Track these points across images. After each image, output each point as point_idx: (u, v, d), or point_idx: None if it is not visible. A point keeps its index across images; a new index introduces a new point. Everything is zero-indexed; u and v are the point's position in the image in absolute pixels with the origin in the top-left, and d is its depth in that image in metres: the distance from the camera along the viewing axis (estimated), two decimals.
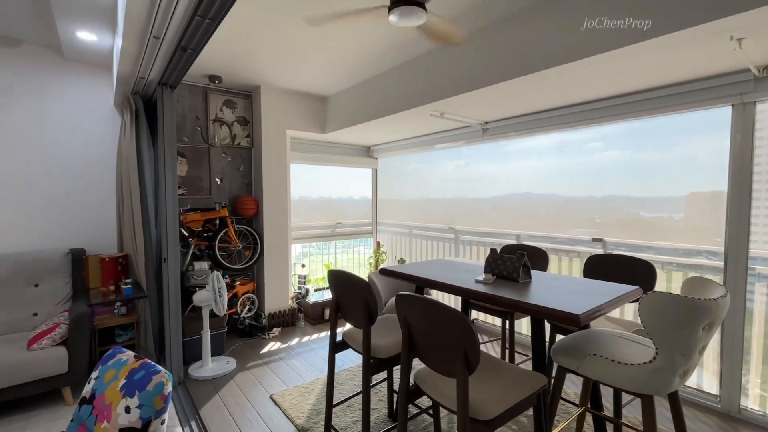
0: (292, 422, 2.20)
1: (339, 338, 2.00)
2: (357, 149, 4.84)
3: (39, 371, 2.21)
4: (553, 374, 1.70)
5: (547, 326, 2.18)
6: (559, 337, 2.04)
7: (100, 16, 2.25)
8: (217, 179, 3.63)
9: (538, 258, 2.46)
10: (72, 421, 1.77)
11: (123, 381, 1.69)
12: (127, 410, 1.57)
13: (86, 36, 2.53)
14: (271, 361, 3.00)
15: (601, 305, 1.45)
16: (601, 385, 1.79)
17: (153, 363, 1.74)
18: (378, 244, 4.86)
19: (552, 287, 1.73)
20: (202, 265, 3.27)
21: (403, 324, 1.45)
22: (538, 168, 3.27)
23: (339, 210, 4.74)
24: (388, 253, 4.83)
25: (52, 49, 2.91)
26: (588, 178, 2.95)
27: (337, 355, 3.08)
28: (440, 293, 3.85)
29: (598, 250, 2.83)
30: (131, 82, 2.59)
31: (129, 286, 2.74)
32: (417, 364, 2.77)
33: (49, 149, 2.94)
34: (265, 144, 3.66)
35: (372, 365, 1.76)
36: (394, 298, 2.27)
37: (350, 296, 1.79)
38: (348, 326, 2.82)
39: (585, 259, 2.25)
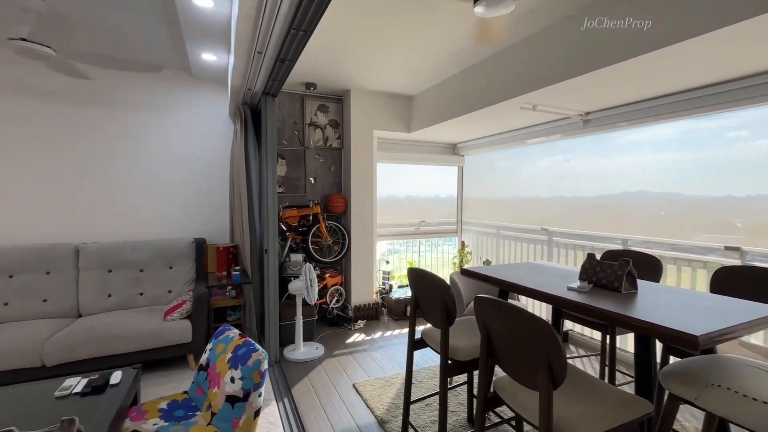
0: (372, 413, 2.28)
1: (418, 336, 2.00)
2: (443, 147, 4.79)
3: (171, 338, 2.66)
4: (664, 403, 1.46)
5: (659, 345, 1.89)
6: (673, 359, 1.74)
7: (218, 40, 2.62)
8: (311, 178, 3.93)
9: (649, 266, 2.13)
10: (192, 383, 2.10)
11: (230, 354, 1.94)
12: (232, 380, 1.80)
13: (208, 57, 2.96)
14: (356, 351, 3.15)
15: (731, 327, 1.19)
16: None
17: (253, 342, 1.96)
18: (462, 243, 4.74)
19: (665, 301, 1.48)
20: (298, 257, 3.57)
21: (481, 327, 1.39)
22: (655, 162, 2.83)
23: (424, 208, 4.74)
24: (473, 253, 4.68)
25: (183, 71, 3.47)
26: (726, 174, 2.44)
27: (418, 354, 3.09)
28: (530, 301, 3.59)
29: (734, 261, 2.34)
30: (241, 93, 2.95)
31: (238, 272, 3.14)
32: (500, 371, 2.64)
33: (179, 155, 3.51)
34: (354, 145, 3.84)
35: (450, 366, 1.73)
36: None
37: (429, 295, 1.78)
38: (428, 325, 2.81)
39: (713, 272, 1.88)
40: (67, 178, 3.15)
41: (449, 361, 1.73)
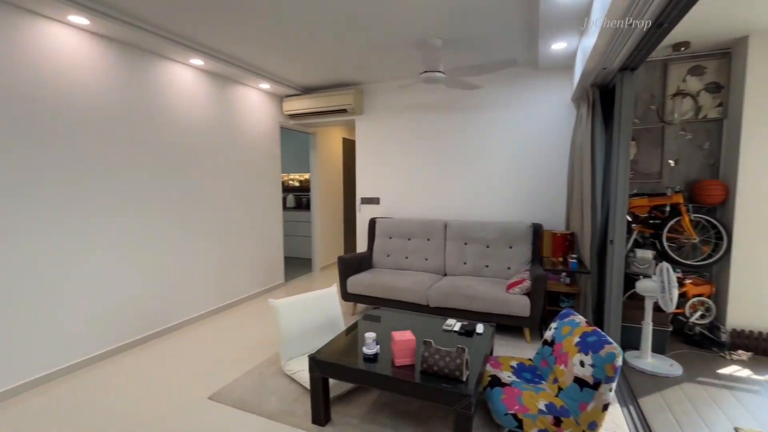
0: None
1: None
2: None
3: (512, 309, 3.01)
4: None
5: None
6: None
7: (572, 26, 2.60)
8: (670, 161, 3.24)
9: None
10: (537, 354, 2.29)
11: (577, 339, 1.96)
12: (582, 364, 1.82)
13: (558, 46, 3.01)
14: (737, 388, 2.38)
15: None
16: None
17: (603, 333, 1.89)
18: None
19: None
20: (645, 254, 3.08)
21: None
22: None
23: None
24: None
25: (529, 65, 3.71)
26: None
27: None
28: None
29: None
30: (592, 75, 2.82)
31: (575, 260, 3.09)
32: None
33: (520, 145, 3.81)
34: (749, 112, 2.80)
35: None
36: None
37: None
38: None
39: None
40: (440, 169, 4.18)
41: None
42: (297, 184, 6.65)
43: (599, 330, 1.92)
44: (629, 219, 3.24)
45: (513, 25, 2.83)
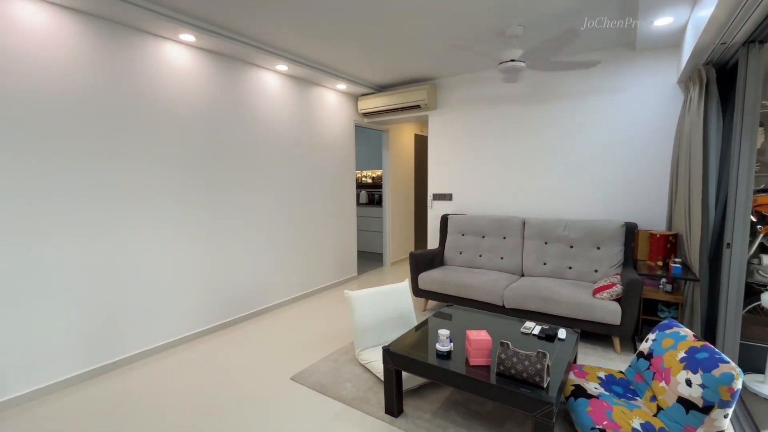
0: None
1: None
2: None
3: (600, 315, 2.75)
4: None
5: None
6: None
7: None
8: None
9: None
10: (630, 367, 2.07)
11: (682, 354, 1.73)
12: (688, 383, 1.60)
13: (662, 21, 2.65)
14: None
15: None
16: None
17: (718, 350, 1.64)
18: None
19: None
20: None
21: None
22: None
23: None
24: None
25: (625, 46, 3.33)
26: None
27: None
28: None
29: None
30: (707, 52, 2.43)
31: (678, 265, 2.72)
32: None
33: (613, 136, 3.44)
34: None
35: None
36: None
37: None
38: None
39: None
40: (518, 164, 3.97)
41: None
42: (369, 180, 6.83)
43: (711, 346, 1.67)
44: (753, 219, 2.75)
45: (603, 2, 2.57)
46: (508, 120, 3.99)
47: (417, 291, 3.71)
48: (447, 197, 4.48)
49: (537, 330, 2.28)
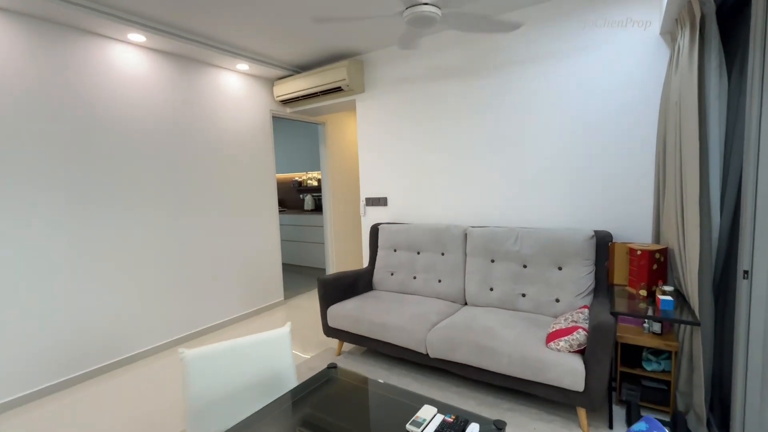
0: None
1: None
2: None
3: (554, 377, 1.85)
4: None
5: None
6: None
7: None
8: None
9: None
10: None
11: None
12: None
13: None
14: None
15: None
16: None
17: None
18: None
19: None
20: None
21: None
22: None
23: None
24: None
25: None
26: None
27: None
28: None
29: None
30: None
31: (669, 297, 1.82)
32: None
33: (577, 114, 2.55)
34: None
35: None
36: None
37: None
38: None
39: None
40: (465, 157, 3.06)
41: None
42: (316, 183, 5.93)
43: None
44: None
45: None
46: (451, 100, 3.08)
47: (327, 330, 2.79)
48: (381, 202, 3.58)
49: (436, 423, 1.37)
